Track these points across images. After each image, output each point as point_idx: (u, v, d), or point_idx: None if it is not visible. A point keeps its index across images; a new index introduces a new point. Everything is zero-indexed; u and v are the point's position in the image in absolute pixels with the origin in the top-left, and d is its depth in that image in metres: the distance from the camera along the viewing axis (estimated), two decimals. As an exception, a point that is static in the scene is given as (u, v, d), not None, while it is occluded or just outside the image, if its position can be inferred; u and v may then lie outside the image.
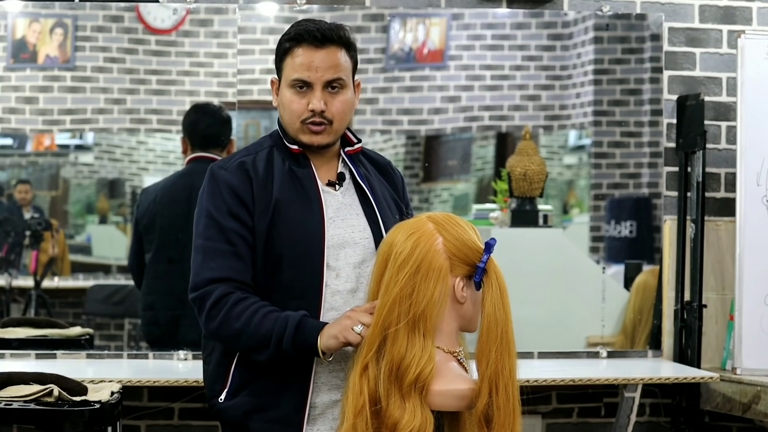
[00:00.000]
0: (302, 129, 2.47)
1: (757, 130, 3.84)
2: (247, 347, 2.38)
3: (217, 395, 2.48)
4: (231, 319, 2.36)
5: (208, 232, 2.43)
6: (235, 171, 2.46)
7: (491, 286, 2.24)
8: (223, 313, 2.37)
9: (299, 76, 2.45)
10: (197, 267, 2.43)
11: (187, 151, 4.06)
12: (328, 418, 2.45)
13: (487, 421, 2.21)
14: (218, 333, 2.40)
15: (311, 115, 2.45)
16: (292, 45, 2.47)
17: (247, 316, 2.35)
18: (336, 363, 2.43)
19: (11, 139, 4.28)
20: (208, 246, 2.42)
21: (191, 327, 3.94)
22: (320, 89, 2.45)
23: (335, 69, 2.46)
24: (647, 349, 4.12)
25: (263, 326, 2.34)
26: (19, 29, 4.09)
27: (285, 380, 2.42)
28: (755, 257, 3.81)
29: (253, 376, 2.44)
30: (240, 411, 2.44)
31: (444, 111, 4.35)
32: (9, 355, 3.81)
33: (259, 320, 2.35)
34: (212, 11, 4.07)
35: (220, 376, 2.48)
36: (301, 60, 2.45)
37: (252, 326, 2.35)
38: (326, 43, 2.45)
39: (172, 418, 3.97)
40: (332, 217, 2.47)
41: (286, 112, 2.49)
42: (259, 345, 2.35)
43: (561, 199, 4.52)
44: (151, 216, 4.03)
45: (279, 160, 2.49)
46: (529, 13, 4.20)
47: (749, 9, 4.18)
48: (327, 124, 2.47)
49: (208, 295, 2.39)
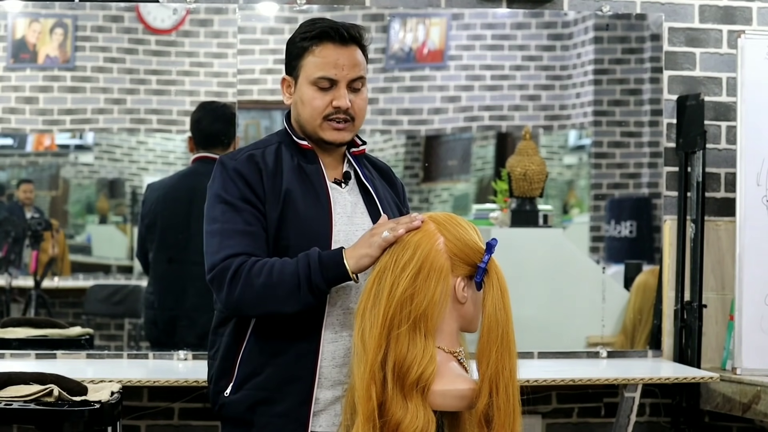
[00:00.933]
0: (324, 125, 2.49)
1: (757, 130, 3.84)
2: (276, 302, 2.35)
3: (222, 390, 2.48)
4: (252, 278, 2.35)
5: (224, 216, 2.42)
6: (245, 162, 2.47)
7: (492, 287, 2.24)
8: (243, 276, 2.35)
9: (325, 73, 2.47)
10: (214, 247, 2.42)
11: (193, 149, 4.08)
12: (330, 414, 2.45)
13: (488, 421, 2.21)
14: (242, 299, 2.37)
15: (334, 111, 2.48)
16: (314, 43, 2.48)
17: (266, 270, 2.35)
18: (339, 359, 2.43)
19: (11, 139, 4.27)
20: (225, 228, 2.42)
21: (191, 326, 3.97)
22: (345, 86, 2.47)
23: (359, 67, 2.49)
24: (647, 349, 4.12)
25: (286, 272, 2.34)
26: (19, 29, 4.09)
27: (290, 374, 2.42)
28: (755, 257, 3.81)
29: (258, 370, 2.44)
30: (245, 405, 2.44)
31: (444, 111, 4.35)
32: (9, 355, 3.81)
33: (279, 269, 2.34)
34: (212, 11, 4.07)
35: (225, 370, 2.48)
36: (326, 57, 2.47)
37: (275, 277, 2.34)
38: (350, 42, 2.49)
39: (172, 418, 3.97)
40: (339, 213, 2.49)
41: (307, 108, 2.49)
42: (289, 293, 2.34)
43: (561, 199, 4.51)
44: (153, 216, 4.04)
45: (287, 156, 2.51)
46: (529, 13, 4.20)
47: (749, 9, 4.18)
48: (350, 121, 2.50)
49: (227, 269, 2.37)
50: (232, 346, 2.47)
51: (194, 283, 3.85)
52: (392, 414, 2.17)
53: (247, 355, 2.45)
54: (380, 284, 2.25)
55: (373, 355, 2.20)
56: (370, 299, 2.26)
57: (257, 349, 2.44)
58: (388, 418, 2.17)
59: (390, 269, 2.25)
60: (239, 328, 2.47)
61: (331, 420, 2.45)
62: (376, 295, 2.25)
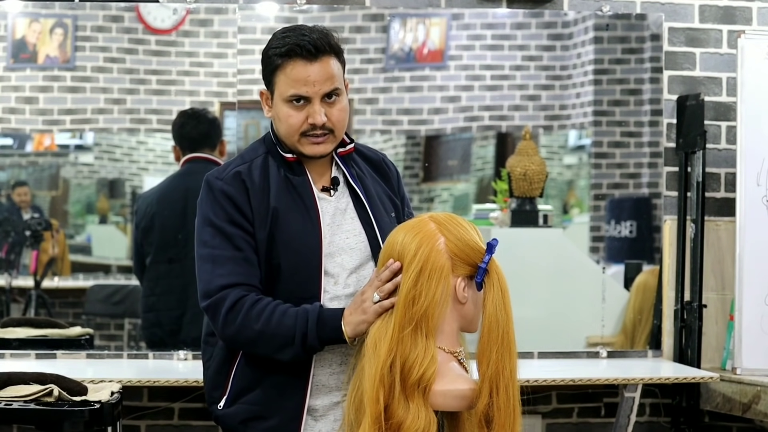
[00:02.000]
0: (302, 140, 2.45)
1: (757, 130, 3.84)
2: (269, 348, 2.36)
3: (216, 402, 2.48)
4: (250, 321, 2.34)
5: (214, 240, 2.41)
6: (232, 181, 2.44)
7: (493, 287, 2.25)
8: (240, 316, 2.35)
9: (296, 92, 2.41)
10: (207, 275, 2.41)
11: (180, 157, 4.07)
12: (329, 420, 2.45)
13: (488, 421, 2.21)
14: (237, 338, 2.38)
15: (311, 128, 2.43)
16: (284, 60, 2.41)
17: (265, 317, 2.34)
18: (336, 365, 2.43)
19: (11, 139, 4.28)
20: (216, 254, 2.40)
21: (192, 326, 3.97)
22: (319, 102, 2.42)
23: (332, 80, 2.42)
24: (647, 349, 4.12)
25: (284, 325, 2.33)
26: (19, 29, 4.09)
27: (283, 389, 2.42)
28: (755, 257, 3.81)
29: (251, 385, 2.44)
30: (237, 419, 2.45)
31: (444, 111, 4.35)
32: (9, 355, 3.81)
33: (278, 319, 2.34)
34: (212, 11, 4.07)
35: (219, 383, 2.48)
36: (296, 75, 2.40)
37: (272, 326, 2.34)
38: (319, 55, 2.41)
39: (172, 418, 3.97)
40: (329, 223, 2.47)
41: (283, 125, 2.45)
42: (283, 344, 2.34)
43: (561, 199, 4.51)
44: (149, 218, 4.03)
45: (274, 168, 2.48)
46: (529, 13, 4.19)
47: (749, 9, 4.18)
48: (329, 134, 2.46)
49: (222, 302, 2.37)
50: (226, 360, 2.47)
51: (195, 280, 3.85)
52: (395, 415, 2.17)
53: (240, 370, 2.45)
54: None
55: (384, 359, 2.20)
56: None
57: (251, 363, 2.44)
58: (391, 419, 2.17)
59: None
60: None
61: (330, 426, 2.45)
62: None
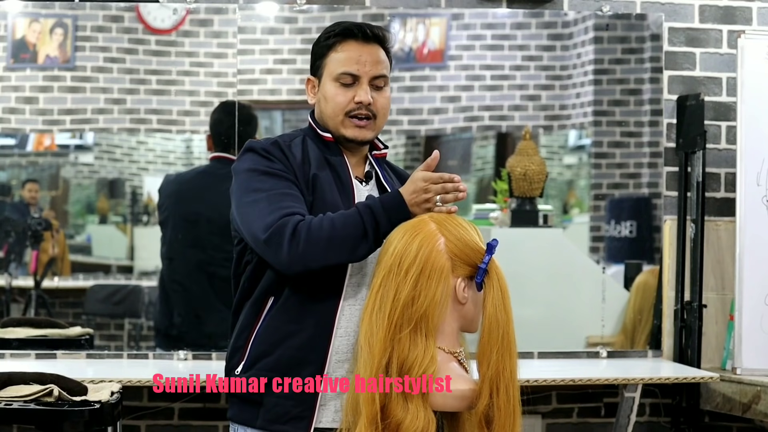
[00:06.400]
0: (345, 122, 2.51)
1: (757, 130, 3.84)
2: (343, 251, 2.36)
3: (234, 367, 2.48)
4: (316, 233, 2.34)
5: (267, 183, 2.43)
6: (273, 146, 2.49)
7: (492, 287, 2.25)
8: (304, 233, 2.35)
9: (347, 69, 2.49)
10: (263, 211, 2.40)
11: (212, 147, 4.07)
12: (330, 410, 2.44)
13: (488, 421, 2.22)
14: (306, 253, 2.35)
15: (356, 107, 2.50)
16: (338, 40, 2.51)
17: (327, 225, 2.35)
18: (342, 353, 2.43)
19: (11, 139, 4.28)
20: (272, 193, 2.41)
21: (192, 326, 3.97)
22: (367, 83, 2.50)
23: (381, 65, 2.52)
24: (647, 349, 4.12)
25: (350, 224, 2.35)
26: (19, 29, 4.09)
27: (302, 356, 2.42)
28: (755, 257, 3.81)
29: (269, 351, 2.44)
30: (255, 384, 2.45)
31: (444, 111, 4.35)
32: (9, 355, 3.81)
33: (342, 222, 2.35)
34: (212, 11, 4.07)
35: (238, 348, 2.48)
36: (349, 54, 2.49)
37: (338, 229, 2.34)
38: (373, 40, 2.51)
39: (172, 418, 3.97)
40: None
41: (329, 105, 2.51)
42: (356, 243, 2.35)
43: (561, 199, 4.52)
44: (165, 213, 4.04)
45: (313, 146, 2.53)
46: (529, 13, 4.20)
47: (749, 9, 4.18)
48: (372, 119, 2.52)
49: (284, 226, 2.36)
50: (247, 326, 2.48)
51: (210, 269, 3.84)
52: (393, 415, 2.17)
53: (259, 336, 2.46)
54: (386, 287, 2.25)
55: (378, 358, 2.20)
56: (377, 302, 2.26)
57: (270, 330, 2.44)
58: (389, 419, 2.17)
59: (395, 272, 2.25)
60: (254, 309, 2.48)
61: (332, 416, 2.44)
62: (383, 297, 2.25)
